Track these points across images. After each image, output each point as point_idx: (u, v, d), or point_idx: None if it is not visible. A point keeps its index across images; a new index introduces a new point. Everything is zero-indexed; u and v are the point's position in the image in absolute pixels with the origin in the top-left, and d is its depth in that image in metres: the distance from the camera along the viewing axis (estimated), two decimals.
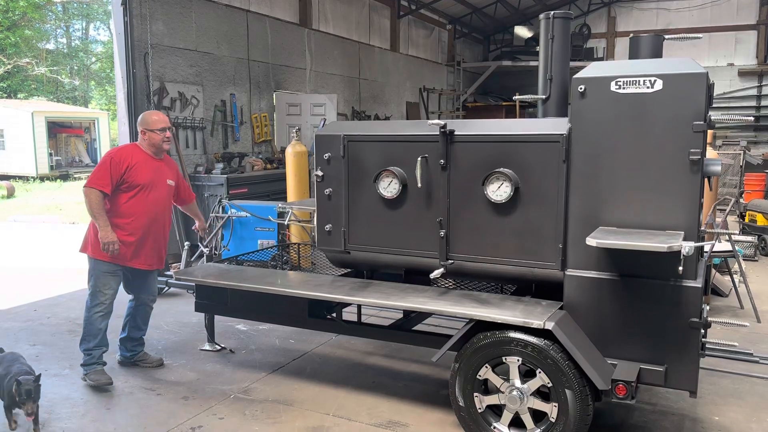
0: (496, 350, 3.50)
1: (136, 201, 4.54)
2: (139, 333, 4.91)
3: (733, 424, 3.97)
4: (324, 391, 4.48)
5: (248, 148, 10.24)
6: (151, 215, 4.62)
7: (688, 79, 3.26)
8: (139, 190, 4.54)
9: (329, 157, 4.27)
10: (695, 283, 3.32)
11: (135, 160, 4.54)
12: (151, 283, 4.90)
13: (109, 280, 4.58)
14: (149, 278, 4.86)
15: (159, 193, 4.65)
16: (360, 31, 13.83)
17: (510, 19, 19.25)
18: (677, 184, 3.32)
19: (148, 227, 4.61)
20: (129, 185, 4.50)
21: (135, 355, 4.90)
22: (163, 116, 4.73)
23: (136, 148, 4.67)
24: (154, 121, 4.62)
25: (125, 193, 4.51)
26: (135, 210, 4.54)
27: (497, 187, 3.72)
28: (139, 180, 4.52)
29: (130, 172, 4.49)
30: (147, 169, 4.59)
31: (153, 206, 4.63)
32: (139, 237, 4.57)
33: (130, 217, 4.53)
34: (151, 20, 8.26)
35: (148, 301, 4.89)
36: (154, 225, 4.65)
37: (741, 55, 17.72)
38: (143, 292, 4.84)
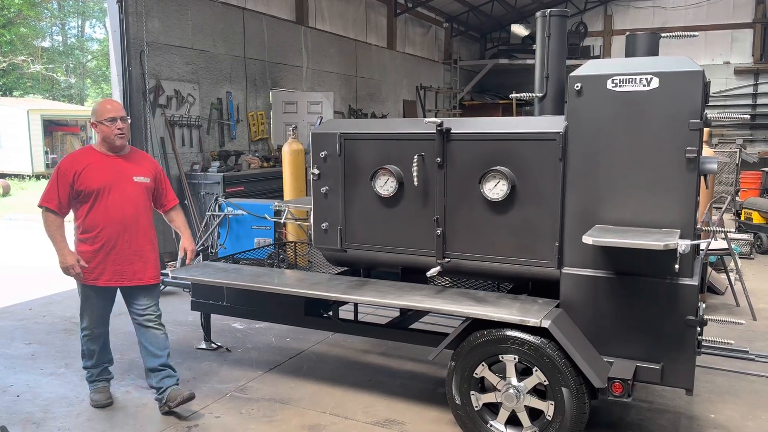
0: (492, 348, 3.50)
1: (96, 210, 3.91)
2: (156, 360, 4.09)
3: (729, 422, 3.98)
4: (320, 389, 4.48)
5: (245, 146, 10.22)
6: (117, 222, 3.93)
7: (685, 77, 3.26)
8: (96, 196, 3.89)
9: (326, 156, 4.26)
10: (691, 281, 3.32)
11: (85, 164, 3.90)
12: (139, 299, 4.11)
13: (88, 304, 4.08)
14: (134, 295, 4.12)
15: (123, 194, 3.96)
16: (357, 29, 13.81)
17: (507, 18, 19.26)
18: (673, 182, 3.32)
19: (117, 237, 3.94)
20: (84, 194, 3.88)
21: (164, 392, 4.06)
22: (116, 104, 4.09)
23: (89, 150, 4.05)
24: (103, 110, 3.94)
25: (84, 204, 3.93)
26: (97, 220, 3.91)
27: (494, 185, 3.71)
28: (92, 184, 3.87)
29: (80, 178, 3.86)
30: (101, 169, 3.92)
31: (118, 210, 3.93)
32: (106, 250, 3.94)
33: (94, 229, 3.92)
34: (147, 18, 8.24)
35: (143, 321, 4.11)
36: (125, 233, 3.96)
37: (737, 54, 17.76)
38: (133, 312, 4.14)
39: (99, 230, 3.92)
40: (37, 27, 32.15)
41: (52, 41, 34.55)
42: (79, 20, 35.72)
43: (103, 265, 3.96)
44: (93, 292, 4.04)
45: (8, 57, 28.89)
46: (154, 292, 4.20)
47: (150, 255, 4.12)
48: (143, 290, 4.13)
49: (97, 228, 3.92)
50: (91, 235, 3.92)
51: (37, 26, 32.06)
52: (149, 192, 4.13)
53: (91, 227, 3.93)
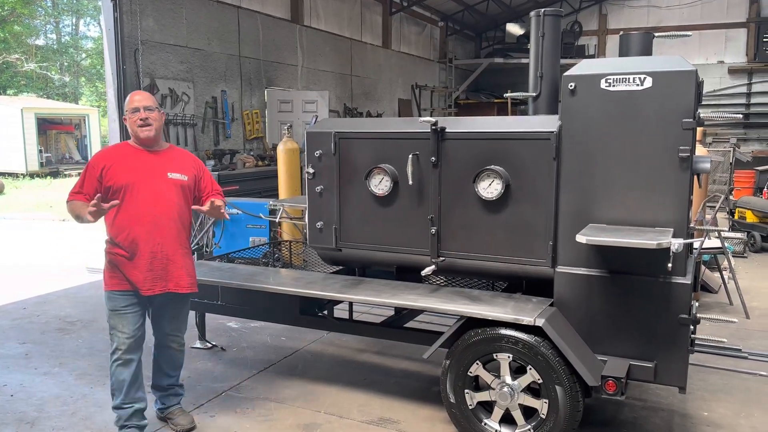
0: (486, 347, 3.51)
1: (125, 209, 3.55)
2: (166, 380, 3.89)
3: (722, 419, 4.00)
4: (315, 388, 4.48)
5: (239, 145, 10.21)
6: (146, 221, 3.56)
7: (678, 76, 3.28)
8: (124, 193, 3.55)
9: (320, 155, 4.26)
10: (684, 279, 3.34)
11: (114, 159, 3.62)
12: (167, 316, 3.78)
13: (119, 319, 3.61)
14: (164, 308, 3.76)
15: (155, 191, 3.60)
16: (352, 27, 13.81)
17: (502, 17, 19.28)
18: (667, 181, 3.33)
19: (146, 237, 3.56)
20: (112, 191, 3.55)
21: (165, 409, 3.93)
22: (144, 95, 3.75)
23: (124, 146, 3.79)
24: (128, 101, 3.69)
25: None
26: (126, 220, 3.56)
27: (488, 184, 3.72)
28: (119, 180, 3.55)
29: (108, 173, 3.56)
30: (131, 164, 3.61)
31: (149, 208, 3.57)
32: (133, 252, 3.57)
33: (123, 231, 3.56)
34: (141, 16, 8.22)
35: (168, 342, 3.82)
36: (156, 234, 3.58)
37: (731, 53, 17.83)
38: (157, 329, 3.81)
39: (128, 231, 3.54)
40: (31, 25, 32.03)
41: (47, 39, 34.42)
42: (74, 18, 35.60)
43: (138, 270, 3.56)
44: (123, 300, 3.60)
45: (2, 55, 28.76)
46: (185, 307, 3.88)
47: (187, 259, 3.73)
48: (175, 303, 3.78)
49: (126, 229, 3.55)
50: (123, 237, 3.56)
51: (31, 24, 31.94)
52: (187, 191, 3.73)
53: (121, 228, 3.56)
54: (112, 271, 3.60)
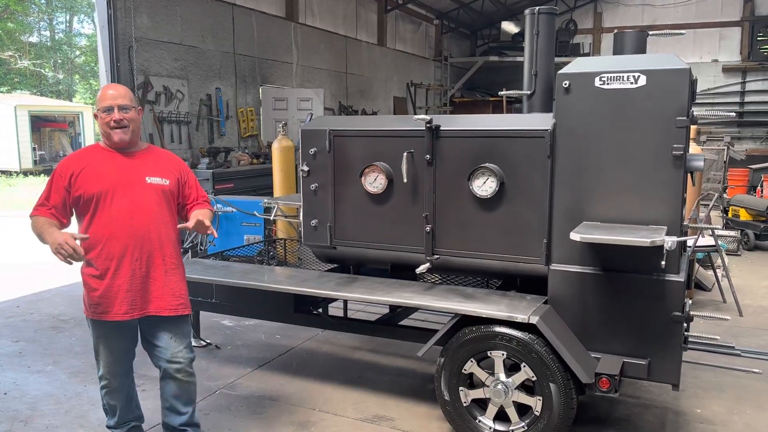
0: (481, 344, 3.51)
1: (99, 221, 3.08)
2: (177, 419, 3.36)
3: (715, 417, 4.02)
4: (310, 386, 4.48)
5: (234, 142, 10.19)
6: (125, 234, 3.08)
7: (672, 74, 3.29)
8: (97, 202, 3.07)
9: (315, 152, 4.26)
10: (678, 277, 3.35)
11: (83, 164, 3.13)
12: (162, 341, 3.25)
13: (103, 347, 3.24)
14: (155, 332, 3.26)
15: (132, 199, 3.12)
16: (347, 25, 13.79)
17: (497, 15, 19.30)
18: (660, 179, 3.34)
19: (125, 253, 3.09)
20: (83, 201, 3.08)
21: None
22: (119, 90, 3.21)
23: (94, 148, 3.28)
24: (100, 97, 3.19)
25: (84, 216, 3.13)
26: (100, 234, 3.08)
27: (483, 182, 3.73)
28: (90, 188, 3.07)
29: (78, 181, 3.08)
30: (104, 169, 3.12)
31: (125, 219, 3.08)
32: (113, 272, 3.09)
33: (97, 245, 3.08)
34: (136, 13, 8.19)
35: (171, 371, 3.28)
36: (136, 248, 3.11)
37: (725, 52, 17.90)
38: (155, 356, 3.30)
39: (102, 246, 3.07)
40: (25, 22, 31.85)
41: (40, 36, 34.23)
42: (67, 15, 35.42)
43: (112, 293, 3.10)
44: (105, 329, 3.20)
45: None
46: (183, 327, 3.33)
47: (171, 276, 3.24)
48: (167, 325, 3.26)
49: (100, 243, 3.07)
50: (95, 254, 3.08)
51: (24, 21, 31.76)
52: (169, 197, 3.26)
53: (94, 243, 3.07)
54: (89, 295, 3.15)
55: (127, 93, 3.23)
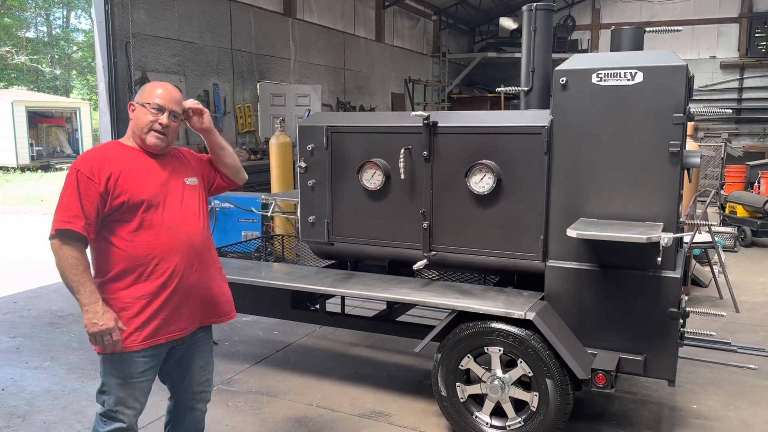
0: (478, 340, 3.52)
1: (151, 230, 2.66)
2: None
3: (710, 412, 4.04)
4: (308, 382, 4.49)
5: (232, 138, 10.19)
6: (184, 246, 2.72)
7: (668, 71, 3.29)
8: (147, 209, 2.66)
9: (312, 149, 4.26)
10: (674, 273, 3.36)
11: (120, 165, 2.64)
12: (197, 363, 2.90)
13: (132, 390, 2.70)
14: (193, 354, 2.88)
15: (183, 206, 2.79)
16: (345, 21, 13.77)
17: (495, 11, 19.28)
18: (657, 175, 3.35)
19: (184, 268, 2.72)
20: (128, 208, 2.62)
21: None
22: (173, 91, 2.79)
23: (119, 146, 2.77)
24: (150, 91, 2.74)
25: (127, 225, 2.64)
26: (152, 247, 2.65)
27: (480, 178, 3.73)
28: (140, 193, 2.65)
29: (119, 184, 2.61)
30: (144, 171, 2.71)
31: (181, 229, 2.73)
32: (170, 290, 2.69)
33: (148, 262, 2.65)
34: (133, 9, 8.17)
35: (195, 402, 2.95)
36: (194, 261, 2.77)
37: (723, 48, 17.91)
38: (182, 387, 2.92)
39: (157, 262, 2.65)
40: (22, 17, 31.74)
41: (37, 32, 34.11)
42: (64, 11, 35.30)
43: (164, 313, 2.69)
44: (144, 362, 2.68)
45: None
46: (211, 348, 3.02)
47: (226, 284, 3.00)
48: (205, 344, 2.94)
49: (154, 259, 2.65)
50: (141, 272, 2.64)
51: (21, 16, 31.66)
52: (202, 195, 2.94)
53: (141, 259, 2.63)
54: (131, 322, 2.62)
55: (180, 97, 2.84)
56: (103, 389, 2.70)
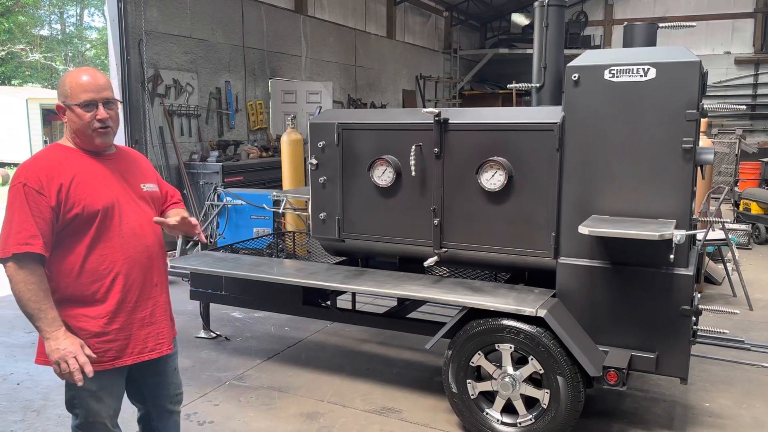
0: (488, 337, 3.52)
1: (108, 242, 2.43)
2: None
3: (723, 410, 4.01)
4: (319, 377, 4.51)
5: (244, 135, 10.22)
6: (142, 257, 2.52)
7: (682, 67, 3.27)
8: (103, 220, 2.41)
9: (323, 146, 4.27)
10: (687, 271, 3.34)
11: (71, 172, 2.39)
12: (173, 373, 2.78)
13: (102, 400, 2.52)
14: (168, 364, 2.74)
15: (139, 212, 2.55)
16: (356, 17, 13.76)
17: (507, 6, 19.18)
18: (670, 172, 3.33)
19: (143, 281, 2.53)
20: (83, 219, 2.38)
21: None
22: (97, 77, 2.45)
23: (62, 150, 2.48)
24: (75, 86, 2.41)
25: (82, 237, 2.40)
26: (110, 260, 2.43)
27: (491, 175, 3.73)
28: (95, 202, 2.40)
29: (72, 194, 2.36)
30: (96, 177, 2.45)
31: (140, 237, 2.51)
32: (131, 306, 2.50)
33: (104, 276, 2.43)
34: (146, 7, 8.21)
35: (172, 406, 2.81)
36: (151, 273, 2.57)
37: (738, 43, 17.70)
38: (162, 393, 2.76)
39: (114, 275, 2.44)
40: (36, 15, 32.00)
41: (51, 30, 34.39)
42: (78, 8, 35.54)
43: (128, 331, 2.50)
44: (109, 380, 2.51)
45: (7, 46, 28.78)
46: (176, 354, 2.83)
47: (169, 300, 2.73)
48: (174, 354, 2.78)
49: (111, 272, 2.44)
50: (98, 287, 2.43)
51: (35, 14, 31.91)
52: (158, 204, 2.73)
53: (99, 273, 2.42)
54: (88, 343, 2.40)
55: (108, 82, 2.52)
56: (74, 402, 2.51)
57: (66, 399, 2.56)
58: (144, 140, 8.21)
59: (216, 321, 5.49)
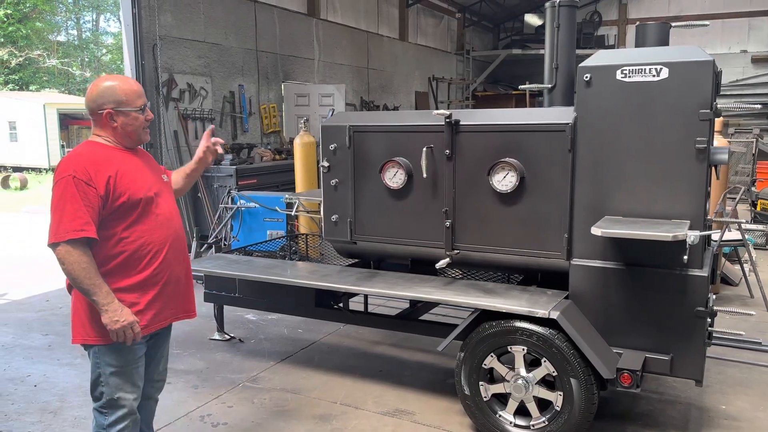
0: (501, 339, 3.51)
1: (144, 225, 2.74)
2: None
3: (739, 413, 3.96)
4: (332, 379, 4.52)
5: (257, 138, 10.27)
6: (172, 236, 2.86)
7: (694, 67, 3.24)
8: (145, 206, 2.75)
9: (335, 148, 4.28)
10: (701, 272, 3.31)
11: (115, 165, 2.69)
12: (160, 358, 3.02)
13: (129, 376, 2.77)
14: (159, 348, 2.99)
15: (168, 199, 2.93)
16: (368, 20, 13.78)
17: (520, 7, 19.11)
18: (683, 172, 3.30)
19: (174, 258, 2.86)
20: (127, 207, 2.69)
21: None
22: (139, 85, 2.87)
23: (100, 147, 2.75)
24: (131, 93, 2.75)
25: (123, 222, 2.70)
26: (148, 239, 2.75)
27: (503, 176, 3.72)
28: (138, 191, 2.73)
29: (118, 185, 2.67)
30: (134, 169, 2.77)
31: (170, 221, 2.87)
32: (164, 279, 2.82)
33: (145, 254, 2.74)
34: (159, 12, 8.29)
35: (153, 392, 3.04)
36: (179, 251, 2.92)
37: (754, 42, 17.49)
38: (147, 376, 2.92)
39: (151, 255, 2.75)
40: (53, 21, 32.46)
41: (68, 35, 34.85)
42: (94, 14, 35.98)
43: (159, 302, 2.81)
44: (138, 346, 2.78)
45: (24, 51, 29.19)
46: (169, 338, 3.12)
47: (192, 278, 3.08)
48: (166, 340, 3.05)
49: (149, 253, 2.74)
50: (137, 264, 2.73)
51: (52, 21, 32.37)
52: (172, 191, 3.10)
53: (138, 253, 2.72)
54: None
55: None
56: (99, 381, 2.76)
57: (92, 380, 2.81)
58: (159, 144, 8.28)
59: (230, 323, 5.52)
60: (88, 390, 4.37)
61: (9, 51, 28.27)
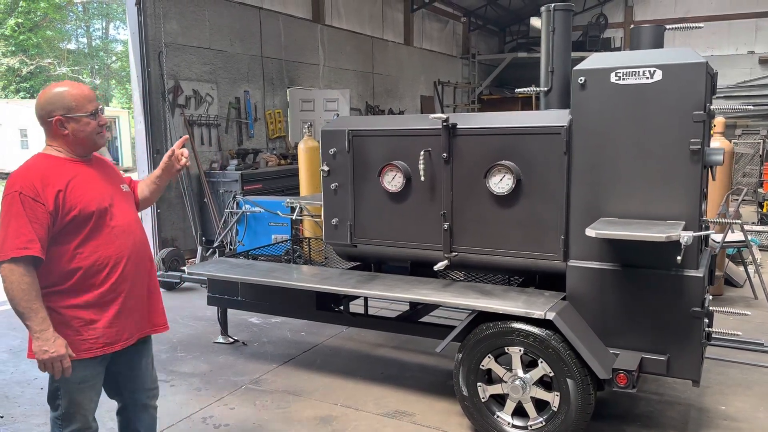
0: (498, 340, 3.54)
1: (100, 239, 2.62)
2: None
3: (739, 414, 3.97)
4: (333, 381, 4.56)
5: (262, 144, 10.35)
6: (129, 248, 2.72)
7: (688, 69, 3.26)
8: (98, 219, 2.62)
9: (335, 152, 4.33)
10: (696, 272, 3.33)
11: (65, 177, 2.58)
12: (147, 367, 2.94)
13: (87, 393, 2.70)
14: (142, 358, 2.91)
15: (125, 210, 2.77)
16: (373, 25, 13.86)
17: (525, 11, 19.13)
18: (678, 174, 3.33)
19: (135, 271, 2.73)
20: (79, 220, 2.57)
21: None
22: (88, 88, 2.75)
23: (51, 159, 2.65)
24: (81, 98, 2.64)
25: (77, 237, 2.58)
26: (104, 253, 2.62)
27: (499, 179, 3.75)
28: (90, 204, 2.60)
29: (68, 198, 2.55)
30: (87, 181, 2.65)
31: (128, 233, 2.73)
32: (124, 294, 2.68)
33: (102, 269, 2.62)
34: (165, 19, 8.39)
35: (148, 400, 2.98)
36: (140, 264, 2.78)
37: (762, 43, 17.40)
38: (138, 386, 2.91)
39: (108, 269, 2.63)
40: (63, 30, 32.80)
41: (78, 43, 35.21)
42: (103, 22, 36.34)
43: (123, 317, 2.69)
44: (94, 365, 2.68)
45: (35, 60, 29.51)
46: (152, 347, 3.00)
47: (158, 290, 2.96)
48: (146, 348, 2.93)
49: (106, 266, 2.62)
50: (93, 280, 2.61)
51: (62, 29, 32.71)
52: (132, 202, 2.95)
53: (93, 269, 2.60)
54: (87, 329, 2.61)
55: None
56: (57, 393, 2.69)
57: (49, 391, 2.73)
58: (165, 150, 8.36)
59: (234, 326, 5.57)
60: None
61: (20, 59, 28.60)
